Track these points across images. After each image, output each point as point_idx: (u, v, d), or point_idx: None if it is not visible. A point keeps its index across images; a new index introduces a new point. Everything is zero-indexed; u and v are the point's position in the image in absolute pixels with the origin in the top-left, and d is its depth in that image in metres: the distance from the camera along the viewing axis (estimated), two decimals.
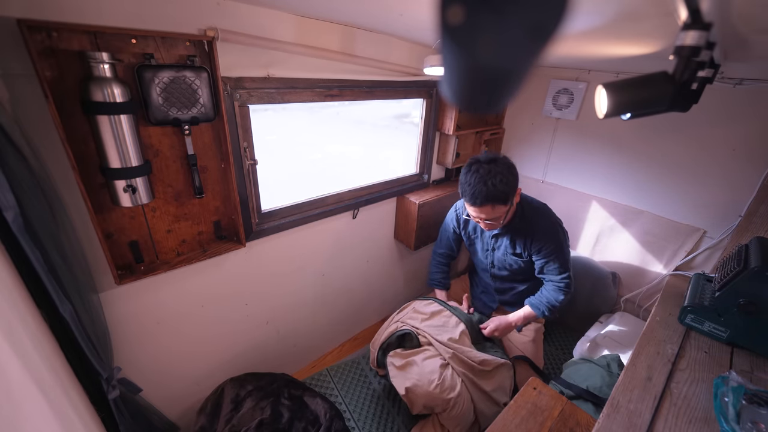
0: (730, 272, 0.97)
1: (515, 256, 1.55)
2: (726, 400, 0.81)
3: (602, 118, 0.82)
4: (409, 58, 1.63)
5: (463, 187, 1.36)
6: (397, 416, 1.61)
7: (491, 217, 1.38)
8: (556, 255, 1.47)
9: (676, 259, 1.78)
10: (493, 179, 1.29)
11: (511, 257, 1.57)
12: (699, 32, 0.63)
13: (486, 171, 1.30)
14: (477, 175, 1.31)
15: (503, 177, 1.30)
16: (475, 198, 1.32)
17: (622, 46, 1.09)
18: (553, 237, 1.47)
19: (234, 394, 1.35)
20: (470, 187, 1.32)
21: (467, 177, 1.34)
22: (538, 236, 1.47)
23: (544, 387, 1.18)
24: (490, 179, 1.29)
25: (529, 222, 1.48)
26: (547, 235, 1.47)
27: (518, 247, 1.53)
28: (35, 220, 0.75)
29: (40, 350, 0.75)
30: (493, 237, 1.58)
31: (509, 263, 1.59)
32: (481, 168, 1.32)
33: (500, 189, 1.29)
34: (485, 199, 1.31)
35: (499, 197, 1.31)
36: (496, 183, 1.29)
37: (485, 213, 1.36)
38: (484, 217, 1.38)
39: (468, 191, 1.34)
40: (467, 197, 1.35)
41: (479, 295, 1.85)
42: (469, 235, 1.71)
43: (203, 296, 1.41)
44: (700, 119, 1.57)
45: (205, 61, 1.07)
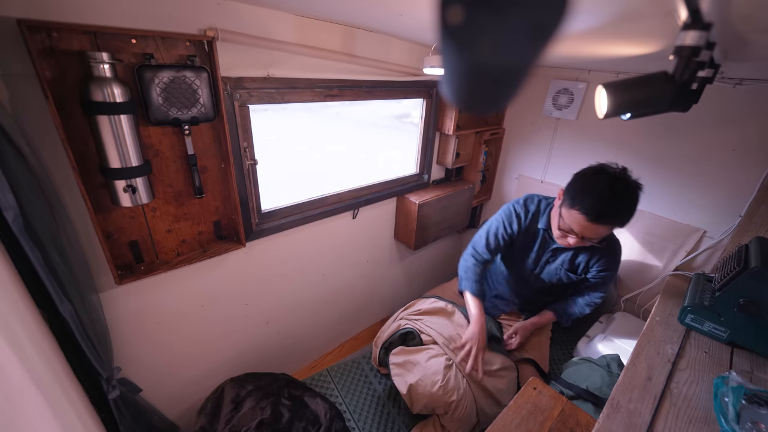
0: (730, 272, 0.97)
1: (570, 272, 1.42)
2: (726, 400, 0.81)
3: (602, 118, 0.82)
4: (409, 58, 1.63)
5: (584, 198, 1.14)
6: (397, 417, 1.60)
7: (595, 237, 1.20)
8: (611, 280, 1.41)
9: (676, 259, 1.78)
10: (629, 202, 1.12)
11: (564, 273, 1.43)
12: (699, 32, 0.63)
13: (623, 188, 1.13)
14: (611, 190, 1.12)
15: (636, 202, 1.13)
16: (602, 215, 1.12)
17: (622, 46, 1.09)
18: (617, 262, 1.39)
19: (234, 394, 1.35)
20: (599, 202, 1.11)
21: (599, 188, 1.13)
22: (607, 258, 1.35)
23: (544, 387, 1.18)
24: (625, 202, 1.12)
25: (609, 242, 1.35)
26: (614, 259, 1.37)
27: (579, 264, 1.40)
28: (35, 220, 0.75)
29: (39, 350, 0.75)
30: (552, 249, 1.42)
31: (559, 278, 1.45)
32: (618, 183, 1.13)
33: (627, 217, 1.14)
34: (614, 220, 1.13)
35: (625, 222, 1.15)
36: (631, 207, 1.13)
37: (595, 232, 1.18)
38: (589, 235, 1.19)
39: (591, 202, 1.12)
40: (587, 209, 1.13)
41: (491, 299, 1.77)
42: (522, 245, 1.50)
43: (203, 296, 1.41)
44: (700, 119, 1.57)
45: (205, 61, 1.07)
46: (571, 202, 1.18)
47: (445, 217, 2.13)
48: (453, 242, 2.67)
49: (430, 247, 2.44)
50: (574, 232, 1.21)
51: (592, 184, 1.15)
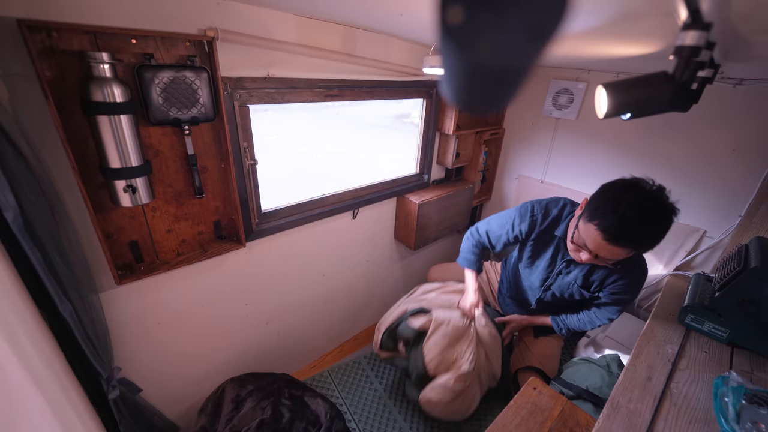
0: (730, 272, 0.97)
1: (584, 288, 1.32)
2: (726, 400, 0.81)
3: (602, 118, 0.82)
4: (409, 58, 1.63)
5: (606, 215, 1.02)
6: (398, 416, 1.61)
7: (608, 257, 1.09)
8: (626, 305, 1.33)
9: (676, 259, 1.78)
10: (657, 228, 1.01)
11: (577, 289, 1.33)
12: (699, 32, 0.63)
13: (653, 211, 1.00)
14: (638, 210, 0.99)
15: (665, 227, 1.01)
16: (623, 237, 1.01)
17: (622, 46, 1.09)
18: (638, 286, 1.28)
19: (235, 394, 1.35)
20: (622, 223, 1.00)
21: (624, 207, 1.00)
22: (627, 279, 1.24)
23: (544, 387, 1.18)
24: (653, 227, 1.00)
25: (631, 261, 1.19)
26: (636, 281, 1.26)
27: (594, 281, 1.29)
28: (35, 220, 0.75)
29: (39, 350, 0.75)
30: (567, 260, 1.30)
31: (571, 293, 1.36)
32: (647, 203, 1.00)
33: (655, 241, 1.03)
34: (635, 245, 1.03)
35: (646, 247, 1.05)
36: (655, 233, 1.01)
37: (608, 252, 1.06)
38: (605, 255, 1.08)
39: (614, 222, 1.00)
40: (607, 229, 1.02)
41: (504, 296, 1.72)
42: (533, 250, 1.39)
43: (203, 296, 1.41)
44: (700, 119, 1.57)
45: (205, 61, 1.07)
46: (591, 216, 1.06)
47: (445, 217, 2.13)
48: (453, 242, 2.67)
49: (430, 247, 2.44)
50: (588, 248, 1.10)
51: (619, 201, 1.01)
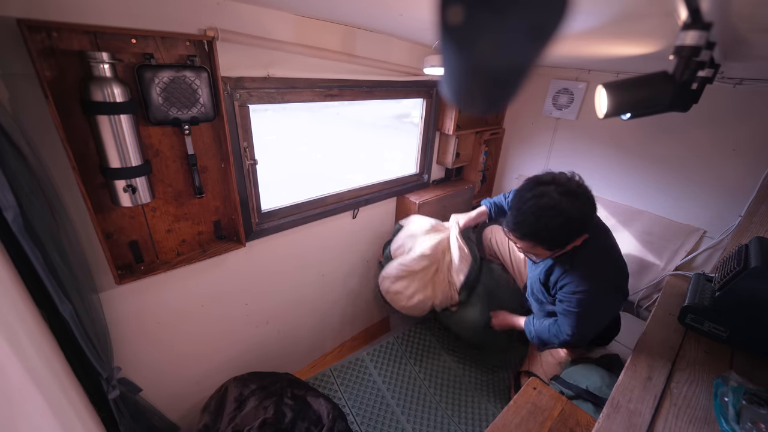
0: (730, 272, 0.97)
1: (544, 286, 1.31)
2: (726, 400, 0.81)
3: (602, 118, 0.83)
4: (409, 58, 1.63)
5: (512, 203, 1.11)
6: (401, 417, 1.61)
7: (529, 251, 1.15)
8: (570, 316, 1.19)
9: (676, 259, 1.78)
10: (550, 219, 1.02)
11: (539, 286, 1.33)
12: (699, 32, 0.63)
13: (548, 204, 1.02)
14: (534, 202, 1.04)
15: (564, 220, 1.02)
16: (518, 227, 1.08)
17: (622, 46, 1.09)
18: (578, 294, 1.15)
19: (237, 393, 1.35)
20: (518, 212, 1.07)
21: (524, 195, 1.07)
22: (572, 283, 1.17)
23: (544, 387, 1.18)
24: (546, 217, 1.02)
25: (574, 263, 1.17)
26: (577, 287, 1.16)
27: (552, 281, 1.25)
28: (35, 220, 0.75)
29: (39, 350, 0.76)
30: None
31: (537, 290, 1.37)
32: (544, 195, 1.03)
33: (551, 232, 1.04)
34: (529, 235, 1.08)
35: (545, 239, 1.07)
36: (549, 224, 1.03)
37: (520, 244, 1.14)
38: (520, 246, 1.16)
39: (513, 213, 1.09)
40: (509, 218, 1.10)
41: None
42: None
43: (203, 296, 1.41)
44: (700, 119, 1.57)
45: (205, 61, 1.07)
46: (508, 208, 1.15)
47: (444, 216, 2.12)
48: None
49: None
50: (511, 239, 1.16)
51: (523, 194, 1.08)
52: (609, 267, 1.19)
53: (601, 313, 1.22)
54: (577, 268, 1.16)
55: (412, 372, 1.81)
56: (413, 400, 1.70)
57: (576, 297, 1.16)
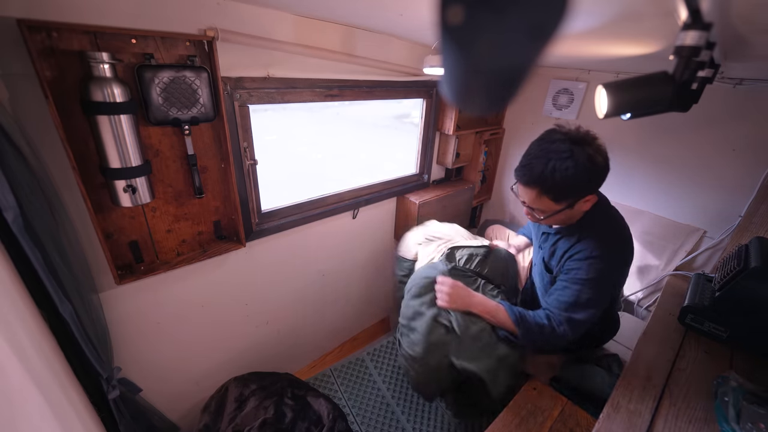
0: (730, 272, 0.97)
1: (546, 271, 1.23)
2: (726, 400, 0.81)
3: (602, 118, 0.83)
4: (409, 58, 1.63)
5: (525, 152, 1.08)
6: (401, 417, 1.61)
7: (534, 205, 1.08)
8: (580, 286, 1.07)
9: (676, 259, 1.78)
10: (557, 162, 0.98)
11: (541, 266, 1.26)
12: (699, 32, 0.63)
13: (557, 150, 1.00)
14: (544, 147, 1.02)
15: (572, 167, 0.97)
16: (524, 171, 1.05)
17: (622, 46, 1.09)
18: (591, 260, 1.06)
19: (238, 393, 1.35)
20: (527, 156, 1.05)
21: (535, 143, 1.06)
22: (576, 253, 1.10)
23: (544, 387, 1.18)
24: (554, 161, 0.99)
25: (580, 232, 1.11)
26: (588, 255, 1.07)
27: (555, 259, 1.18)
28: (35, 220, 0.75)
29: (39, 350, 0.75)
30: (544, 234, 1.25)
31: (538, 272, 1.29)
32: (555, 142, 1.02)
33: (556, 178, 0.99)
34: (535, 180, 1.03)
35: (550, 186, 1.01)
36: (557, 167, 0.98)
37: (529, 197, 1.08)
38: (527, 201, 1.10)
39: (524, 159, 1.06)
40: (518, 165, 1.08)
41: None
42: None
43: (203, 296, 1.41)
44: (700, 119, 1.57)
45: (205, 61, 1.07)
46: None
47: (445, 217, 2.13)
48: None
49: None
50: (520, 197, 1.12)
51: (534, 144, 1.07)
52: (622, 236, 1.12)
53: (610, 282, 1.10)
54: (589, 234, 1.09)
55: None
56: (413, 400, 1.70)
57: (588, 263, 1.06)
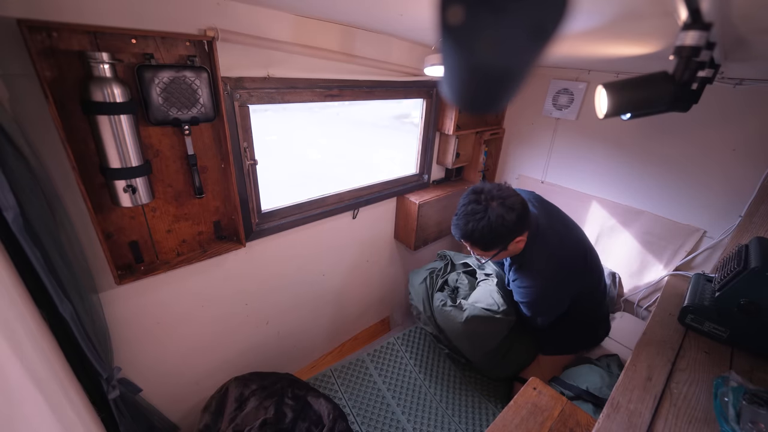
0: (730, 272, 0.97)
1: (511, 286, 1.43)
2: (726, 400, 0.81)
3: (602, 118, 0.82)
4: (409, 58, 1.63)
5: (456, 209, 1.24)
6: (401, 417, 1.61)
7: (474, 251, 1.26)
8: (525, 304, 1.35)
9: (676, 259, 1.78)
10: (474, 223, 1.14)
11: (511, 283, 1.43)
12: (699, 32, 0.63)
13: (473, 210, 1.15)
14: (465, 209, 1.18)
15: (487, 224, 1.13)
16: (455, 230, 1.21)
17: (622, 46, 1.09)
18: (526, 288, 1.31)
19: (238, 393, 1.35)
20: (456, 217, 1.21)
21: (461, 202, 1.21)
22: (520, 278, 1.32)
23: (544, 387, 1.18)
24: (471, 221, 1.15)
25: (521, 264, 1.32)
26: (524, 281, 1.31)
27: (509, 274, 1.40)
28: (35, 220, 0.75)
29: (39, 350, 0.75)
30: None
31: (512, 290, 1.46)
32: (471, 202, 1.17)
33: (477, 236, 1.15)
34: (464, 237, 1.20)
35: (476, 241, 1.17)
36: (475, 228, 1.14)
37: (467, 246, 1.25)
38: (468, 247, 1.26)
39: (454, 219, 1.22)
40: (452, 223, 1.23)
41: None
42: None
43: (203, 296, 1.41)
44: (700, 119, 1.57)
45: (205, 61, 1.07)
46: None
47: (445, 217, 2.13)
48: (453, 242, 2.67)
49: (430, 247, 2.44)
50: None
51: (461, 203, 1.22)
52: (550, 262, 1.28)
53: (552, 299, 1.32)
54: (523, 266, 1.31)
55: (412, 372, 1.81)
56: (413, 400, 1.70)
57: (522, 290, 1.33)
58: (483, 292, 1.59)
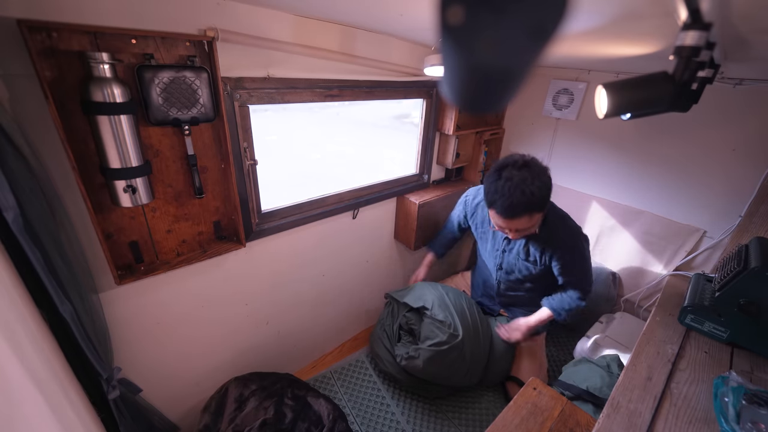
0: (730, 272, 0.97)
1: (528, 262, 1.47)
2: (726, 400, 0.81)
3: (602, 119, 0.83)
4: (409, 58, 1.63)
5: (492, 197, 1.21)
6: (401, 418, 1.61)
7: (525, 227, 1.26)
8: (579, 265, 1.41)
9: (676, 259, 1.78)
10: (531, 186, 1.15)
11: (523, 263, 1.49)
12: (699, 32, 0.63)
13: (521, 178, 1.16)
14: (510, 183, 1.16)
15: (541, 182, 1.17)
16: (512, 209, 1.18)
17: (622, 46, 1.09)
18: (577, 252, 1.38)
19: (238, 393, 1.35)
20: (503, 198, 1.17)
21: (498, 185, 1.19)
22: (560, 250, 1.37)
23: (544, 387, 1.18)
24: (528, 186, 1.15)
25: (550, 230, 1.37)
26: (571, 250, 1.37)
27: (533, 254, 1.43)
28: (35, 220, 0.75)
29: (39, 350, 0.75)
30: (507, 239, 1.49)
31: (520, 268, 1.52)
32: (514, 175, 1.17)
33: (538, 196, 1.16)
34: (525, 208, 1.18)
35: (538, 204, 1.18)
36: (534, 190, 1.15)
37: (520, 224, 1.24)
38: (517, 228, 1.26)
39: (500, 202, 1.19)
40: (498, 208, 1.21)
41: (480, 298, 1.84)
42: (477, 228, 1.65)
43: (203, 296, 1.41)
44: (700, 119, 1.57)
45: (205, 62, 1.07)
46: (488, 204, 1.27)
47: (445, 217, 2.12)
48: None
49: None
50: (504, 228, 1.31)
51: (497, 183, 1.20)
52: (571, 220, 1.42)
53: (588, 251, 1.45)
54: (557, 233, 1.37)
55: None
56: (413, 401, 1.70)
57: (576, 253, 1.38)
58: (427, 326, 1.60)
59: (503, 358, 1.67)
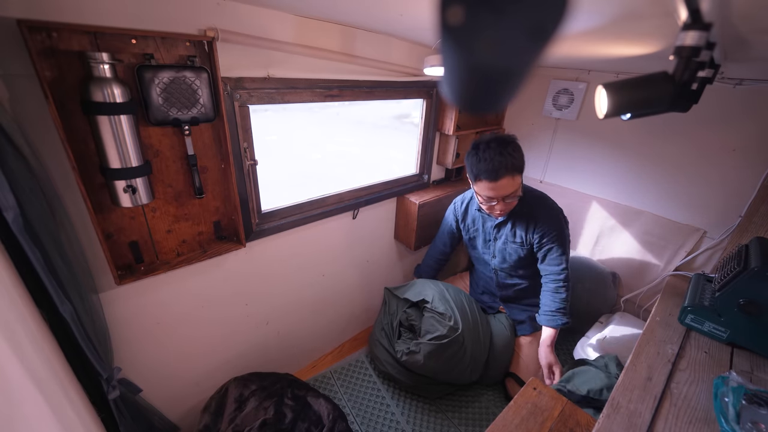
0: (730, 272, 0.97)
1: (515, 244, 1.57)
2: (726, 400, 0.81)
3: (602, 119, 0.82)
4: (409, 58, 1.63)
5: (478, 167, 1.37)
6: (401, 418, 1.61)
7: (510, 192, 1.39)
8: (558, 242, 1.49)
9: (676, 259, 1.78)
10: (508, 149, 1.34)
11: (511, 245, 1.58)
12: (699, 32, 0.63)
13: (496, 145, 1.34)
14: (489, 151, 1.34)
15: (514, 147, 1.36)
16: (497, 170, 1.33)
17: (622, 46, 1.09)
18: (555, 223, 1.49)
19: (238, 393, 1.35)
20: (487, 163, 1.34)
21: (481, 154, 1.36)
22: (540, 222, 1.49)
23: (544, 387, 1.18)
24: (505, 150, 1.33)
25: (531, 208, 1.51)
26: (550, 220, 1.49)
27: (519, 235, 1.54)
28: (35, 220, 0.75)
29: (39, 350, 0.75)
30: (495, 227, 1.60)
31: (509, 253, 1.60)
32: (491, 146, 1.35)
33: (517, 157, 1.35)
34: (507, 168, 1.33)
35: (517, 166, 1.36)
36: (511, 152, 1.34)
37: (505, 188, 1.37)
38: (503, 193, 1.39)
39: (484, 167, 1.35)
40: (485, 173, 1.36)
41: (480, 296, 1.85)
42: (468, 229, 1.73)
43: (203, 296, 1.41)
44: (700, 119, 1.57)
45: (205, 62, 1.07)
46: (475, 178, 1.41)
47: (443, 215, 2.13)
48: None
49: None
50: (492, 198, 1.41)
51: (481, 154, 1.36)
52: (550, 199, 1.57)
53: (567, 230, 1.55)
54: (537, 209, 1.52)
55: None
56: (413, 401, 1.70)
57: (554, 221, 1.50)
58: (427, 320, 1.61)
59: (503, 355, 1.67)
